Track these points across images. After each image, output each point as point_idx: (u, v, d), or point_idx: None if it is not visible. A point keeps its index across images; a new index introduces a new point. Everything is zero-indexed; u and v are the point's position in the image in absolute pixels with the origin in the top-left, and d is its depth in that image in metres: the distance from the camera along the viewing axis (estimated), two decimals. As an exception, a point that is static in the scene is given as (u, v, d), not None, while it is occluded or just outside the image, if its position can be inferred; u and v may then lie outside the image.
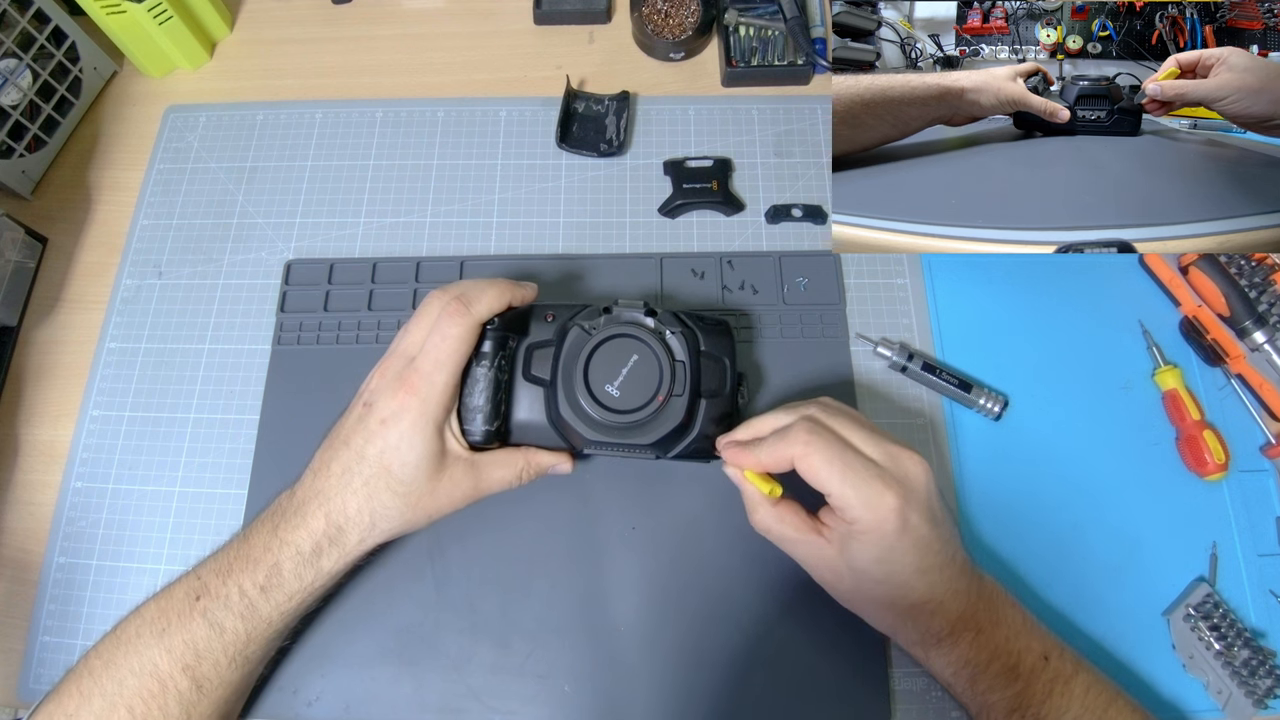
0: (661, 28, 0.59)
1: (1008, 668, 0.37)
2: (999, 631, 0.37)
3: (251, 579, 0.37)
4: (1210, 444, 0.46)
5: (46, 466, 0.50)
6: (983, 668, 0.37)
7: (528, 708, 0.43)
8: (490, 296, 0.40)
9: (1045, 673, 0.37)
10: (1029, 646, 0.37)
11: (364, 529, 0.38)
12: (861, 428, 0.39)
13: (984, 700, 0.37)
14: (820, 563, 0.39)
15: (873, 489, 0.36)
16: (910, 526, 0.36)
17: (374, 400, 0.39)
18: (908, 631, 0.38)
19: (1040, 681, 0.37)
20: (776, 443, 0.38)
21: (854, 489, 0.36)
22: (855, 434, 0.38)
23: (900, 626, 0.39)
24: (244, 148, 0.58)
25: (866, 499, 0.36)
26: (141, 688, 0.35)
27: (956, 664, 0.37)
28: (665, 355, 0.40)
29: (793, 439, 0.38)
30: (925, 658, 0.39)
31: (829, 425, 0.38)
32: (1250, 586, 0.45)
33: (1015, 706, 0.36)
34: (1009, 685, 0.37)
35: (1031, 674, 0.37)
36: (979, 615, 0.37)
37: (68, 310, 0.54)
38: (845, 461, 0.37)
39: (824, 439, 0.37)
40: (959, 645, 0.37)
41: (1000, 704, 0.37)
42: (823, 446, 0.37)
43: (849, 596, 0.39)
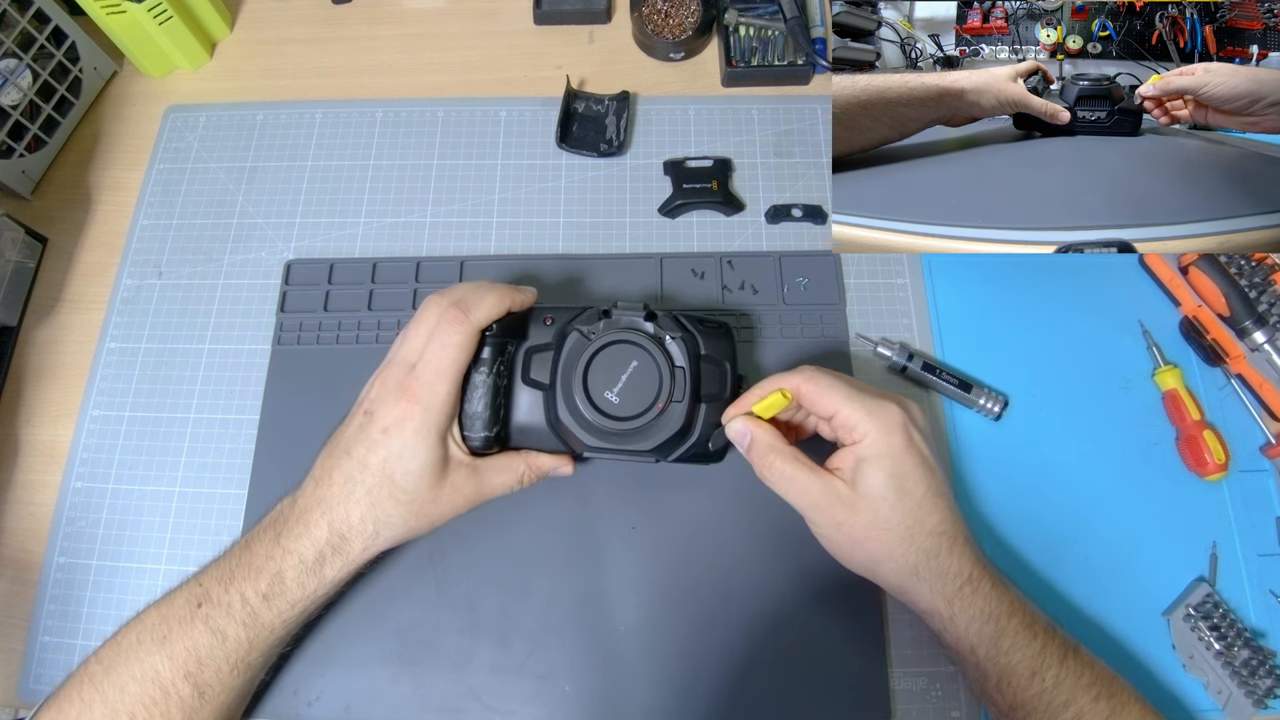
0: (661, 28, 0.59)
1: (1027, 624, 0.37)
2: (1011, 589, 0.38)
3: (254, 587, 0.37)
4: (1210, 444, 0.46)
5: (46, 466, 0.50)
6: (1005, 621, 0.36)
7: (528, 708, 0.43)
8: (489, 303, 0.40)
9: (1058, 636, 0.37)
10: (1037, 612, 0.38)
11: (367, 538, 0.38)
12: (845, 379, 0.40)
13: (1007, 661, 0.36)
14: (832, 501, 0.37)
15: (877, 402, 0.38)
16: (915, 443, 0.37)
17: (375, 409, 0.39)
18: (928, 577, 0.37)
19: (1056, 643, 0.37)
20: (776, 377, 0.40)
21: (859, 402, 0.37)
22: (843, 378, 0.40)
23: (921, 569, 0.37)
24: (244, 148, 0.58)
25: (871, 410, 0.37)
26: (143, 694, 0.35)
27: (981, 617, 0.36)
28: (665, 361, 0.40)
29: (794, 372, 0.39)
30: (949, 613, 0.37)
31: None
32: (1250, 586, 0.45)
33: (1036, 668, 0.36)
34: (1029, 643, 0.36)
35: (1048, 634, 0.37)
36: (990, 569, 0.38)
37: (68, 310, 0.54)
38: (848, 383, 0.39)
39: (827, 372, 0.39)
40: (980, 591, 0.37)
41: (1023, 664, 0.36)
42: (825, 374, 0.39)
43: (864, 537, 0.37)
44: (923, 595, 0.37)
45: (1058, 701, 0.36)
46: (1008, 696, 0.37)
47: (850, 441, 0.38)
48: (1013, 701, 0.36)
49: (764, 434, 0.39)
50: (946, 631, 0.38)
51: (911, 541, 0.37)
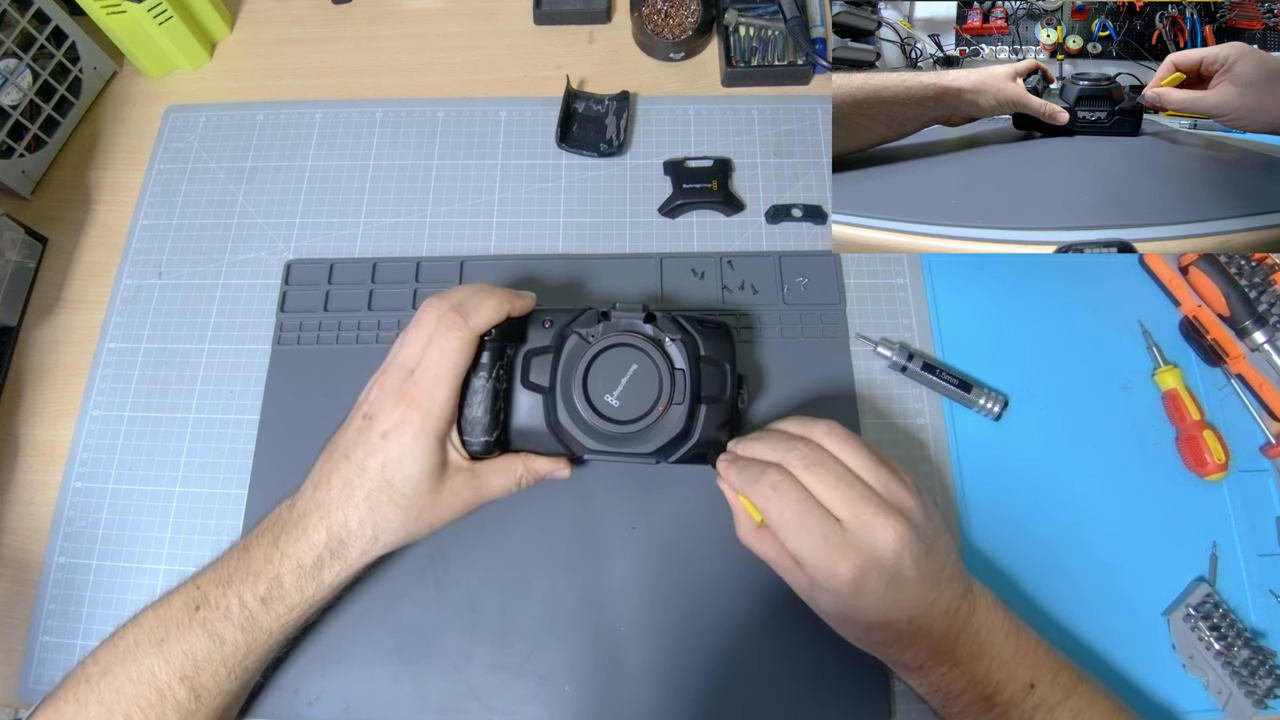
0: (661, 28, 0.59)
1: (983, 697, 0.36)
2: (979, 664, 0.37)
3: (252, 591, 0.37)
4: (1210, 444, 0.46)
5: (46, 466, 0.50)
6: (955, 695, 0.37)
7: (528, 708, 0.43)
8: (489, 308, 0.39)
9: (1028, 701, 0.36)
10: (1013, 676, 0.37)
11: (366, 542, 0.38)
12: (839, 482, 0.37)
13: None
14: (795, 587, 0.39)
15: (827, 557, 0.35)
16: (865, 591, 0.35)
17: (374, 413, 0.39)
18: (878, 655, 0.39)
19: (1018, 710, 0.36)
20: (750, 484, 0.38)
21: (809, 553, 0.36)
22: (830, 489, 0.37)
23: (871, 651, 0.39)
24: (244, 148, 0.58)
25: (818, 564, 0.36)
26: (139, 696, 0.35)
27: (929, 689, 0.38)
28: (664, 364, 0.40)
29: (759, 489, 0.37)
30: (900, 676, 0.39)
31: (803, 478, 0.37)
32: (1250, 586, 0.45)
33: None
34: (983, 713, 0.37)
35: (1009, 704, 0.36)
36: (958, 649, 0.37)
37: (68, 310, 0.54)
38: (803, 525, 0.36)
39: (787, 498, 0.36)
40: (931, 675, 0.37)
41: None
42: (783, 507, 0.36)
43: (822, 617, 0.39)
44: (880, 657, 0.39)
45: None
46: None
47: None
48: None
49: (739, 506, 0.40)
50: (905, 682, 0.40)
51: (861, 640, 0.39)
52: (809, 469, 0.37)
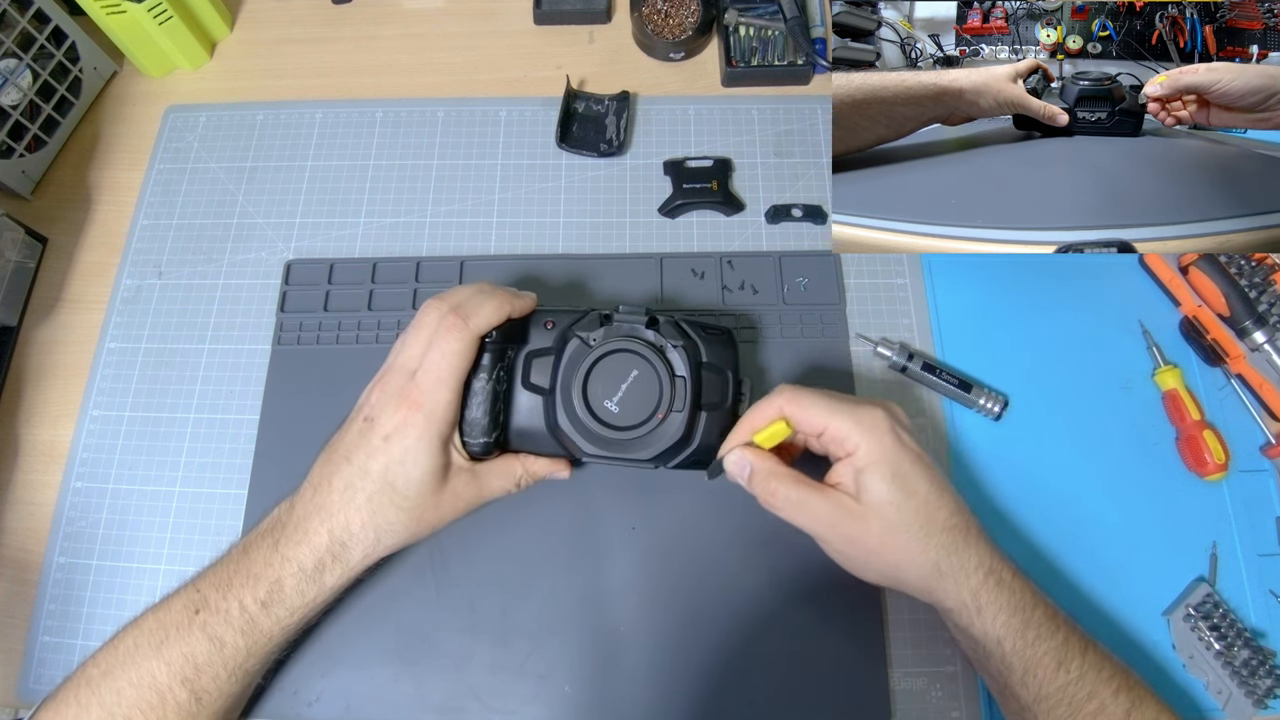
0: (661, 28, 0.59)
1: (1050, 615, 0.37)
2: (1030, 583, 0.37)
3: (252, 594, 0.37)
4: (1210, 444, 0.46)
5: (46, 466, 0.50)
6: (1030, 612, 0.36)
7: (528, 708, 0.43)
8: (489, 309, 0.39)
9: (1077, 628, 0.37)
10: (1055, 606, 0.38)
11: (368, 545, 0.38)
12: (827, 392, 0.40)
13: (1033, 653, 0.36)
14: (841, 516, 0.37)
15: (860, 409, 0.38)
16: (906, 443, 0.37)
17: (375, 415, 0.38)
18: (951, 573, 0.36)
19: (1077, 636, 0.37)
20: (761, 403, 0.40)
21: (845, 414, 0.38)
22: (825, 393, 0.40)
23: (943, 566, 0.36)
24: (244, 148, 0.58)
25: (858, 418, 0.37)
26: (140, 699, 0.35)
27: (1009, 608, 0.36)
28: (665, 370, 0.40)
29: (776, 394, 0.39)
30: (975, 605, 0.36)
31: None
32: (1250, 586, 0.45)
33: (1062, 659, 0.36)
34: (1054, 634, 0.36)
35: (1069, 626, 0.37)
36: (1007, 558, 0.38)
37: (68, 310, 0.54)
38: (827, 396, 0.39)
39: (805, 389, 0.39)
40: (1004, 583, 0.36)
41: (1049, 656, 0.36)
42: (805, 392, 0.39)
43: (879, 545, 0.37)
44: (949, 592, 0.37)
45: (1081, 694, 0.35)
46: (1032, 689, 0.36)
47: (843, 454, 0.38)
48: (1038, 694, 0.36)
49: (763, 462, 0.39)
50: (974, 625, 0.37)
51: (927, 539, 0.36)
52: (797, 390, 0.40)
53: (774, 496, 0.38)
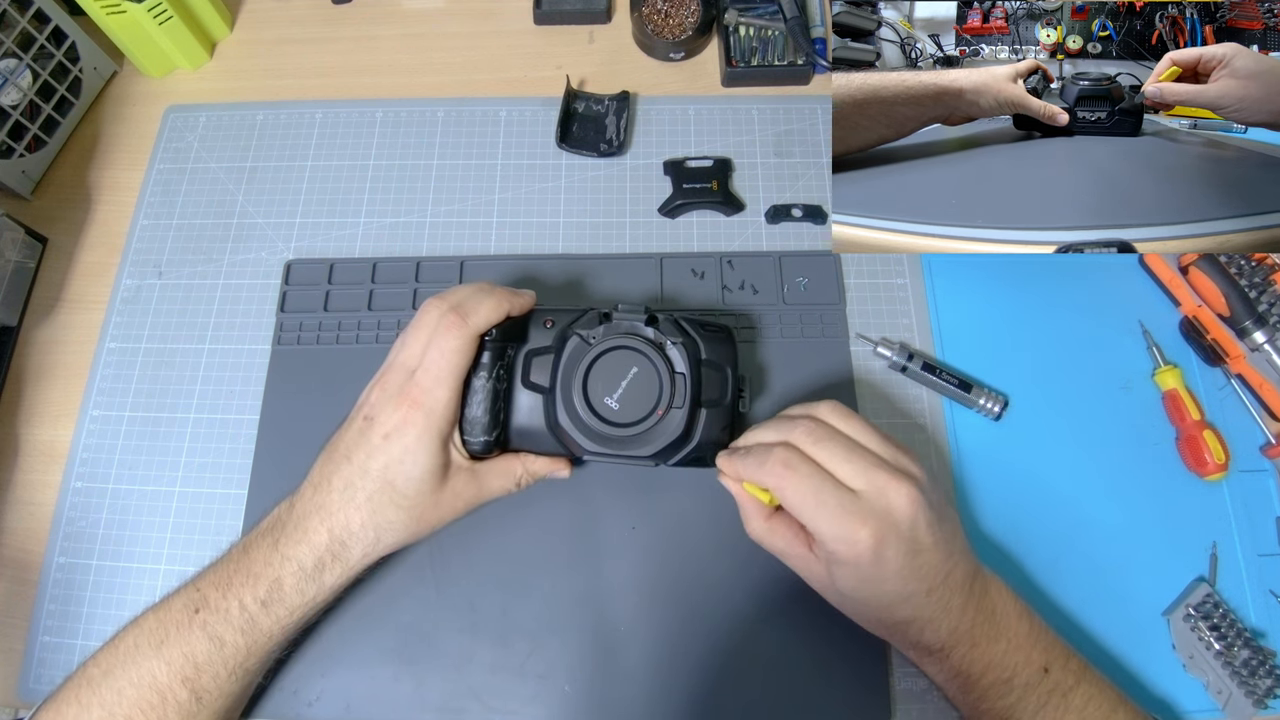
0: (661, 28, 0.59)
1: (1001, 680, 0.36)
2: (996, 645, 0.37)
3: (252, 593, 0.37)
4: (1210, 444, 0.46)
5: (46, 466, 0.50)
6: (975, 679, 0.37)
7: (528, 708, 0.43)
8: (488, 308, 0.39)
9: (1043, 685, 0.37)
10: (1029, 659, 0.37)
11: (368, 544, 0.38)
12: (849, 453, 0.37)
13: (975, 708, 0.37)
14: (810, 576, 0.39)
15: (847, 526, 0.35)
16: (886, 560, 0.35)
17: (375, 414, 0.38)
18: (898, 641, 0.38)
19: (1035, 694, 0.36)
20: (757, 468, 0.37)
21: (827, 524, 0.35)
22: (841, 461, 0.36)
23: (891, 637, 0.39)
24: (244, 148, 0.58)
25: (838, 534, 0.35)
26: (140, 699, 0.35)
27: (948, 674, 0.37)
28: (665, 367, 0.40)
29: (770, 469, 0.37)
30: (918, 663, 0.39)
31: (812, 453, 0.37)
32: (1250, 586, 0.45)
33: (1007, 718, 0.36)
34: (1002, 697, 0.36)
35: (1026, 687, 0.36)
36: (975, 630, 0.37)
37: (68, 310, 0.54)
38: (819, 498, 0.36)
39: (799, 473, 0.36)
40: (950, 658, 0.37)
41: (992, 713, 0.37)
42: (797, 482, 0.36)
43: (839, 607, 0.39)
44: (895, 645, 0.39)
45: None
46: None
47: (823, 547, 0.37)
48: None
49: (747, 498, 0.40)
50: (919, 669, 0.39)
51: (879, 624, 0.38)
52: (818, 444, 0.37)
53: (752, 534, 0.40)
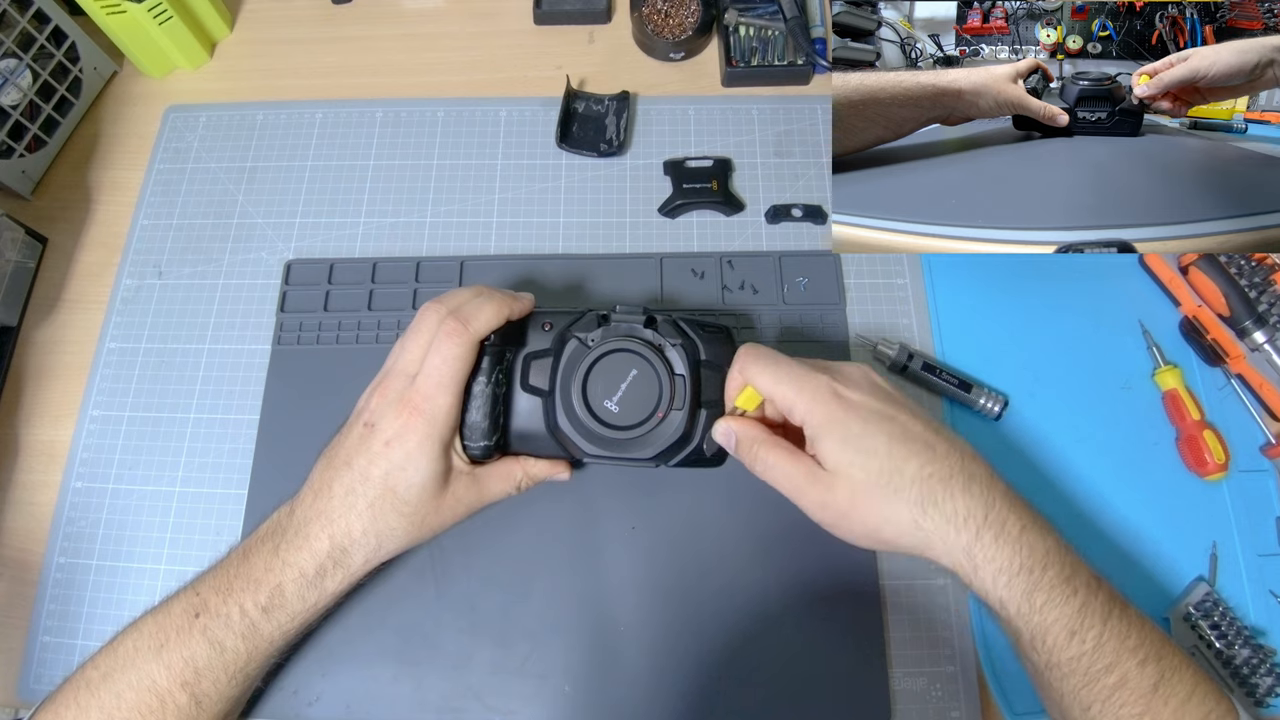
0: (661, 28, 0.59)
1: (1065, 577, 0.33)
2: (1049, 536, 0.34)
3: (253, 599, 0.37)
4: (1210, 444, 0.46)
5: (46, 466, 0.50)
6: (1039, 574, 0.33)
7: (528, 708, 0.43)
8: (488, 313, 0.39)
9: (1102, 592, 0.34)
10: (1079, 563, 0.34)
11: (369, 550, 0.38)
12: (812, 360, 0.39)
13: (1041, 620, 0.33)
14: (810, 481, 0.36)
15: (804, 376, 0.37)
16: (853, 402, 0.36)
17: (376, 421, 0.38)
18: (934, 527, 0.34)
19: (1099, 599, 0.34)
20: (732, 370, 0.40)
21: (788, 382, 0.37)
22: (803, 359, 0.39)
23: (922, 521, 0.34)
24: (244, 148, 0.58)
25: (799, 386, 0.36)
26: (139, 702, 0.35)
27: (1010, 568, 0.33)
28: (664, 369, 0.40)
29: (738, 355, 0.39)
30: (971, 565, 0.34)
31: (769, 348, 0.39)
32: (1250, 586, 0.45)
33: (1075, 628, 0.33)
34: (1067, 599, 0.33)
35: (1089, 589, 0.34)
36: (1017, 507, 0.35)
37: (68, 310, 0.54)
38: (778, 363, 0.38)
39: (759, 351, 0.39)
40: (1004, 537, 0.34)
41: (1059, 623, 0.33)
42: (757, 356, 0.38)
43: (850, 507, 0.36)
44: (938, 550, 0.35)
45: (1099, 665, 0.33)
46: (1043, 655, 0.34)
47: (797, 422, 0.37)
48: (1048, 661, 0.34)
49: (746, 428, 0.39)
50: (974, 585, 0.35)
51: (897, 494, 0.35)
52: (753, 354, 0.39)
53: (755, 460, 0.38)
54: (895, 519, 0.35)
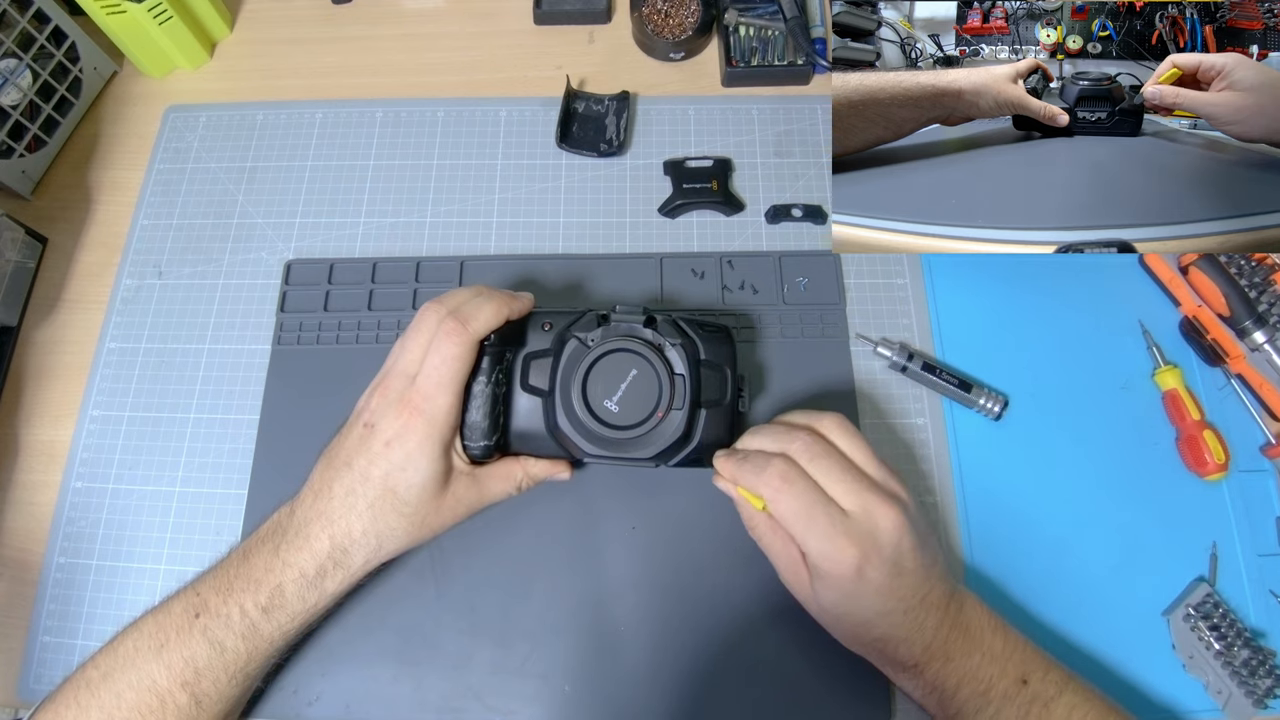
0: (661, 28, 0.59)
1: (977, 693, 0.37)
2: (971, 659, 0.37)
3: (254, 600, 0.37)
4: (1210, 444, 0.46)
5: (46, 466, 0.50)
6: (950, 693, 0.37)
7: (528, 708, 0.43)
8: (488, 313, 0.39)
9: (1021, 696, 0.36)
10: (1004, 671, 0.37)
11: (370, 551, 0.38)
12: (844, 473, 0.38)
13: None
14: (795, 585, 0.40)
15: (834, 544, 0.37)
16: (868, 579, 0.37)
17: (376, 421, 0.38)
18: (874, 657, 0.39)
19: (1014, 705, 0.36)
20: (753, 476, 0.39)
21: (815, 541, 0.37)
22: (835, 480, 0.38)
23: (867, 653, 0.39)
24: (244, 148, 0.58)
25: (826, 552, 0.37)
26: (139, 702, 0.35)
27: (924, 689, 0.38)
28: (664, 369, 0.40)
29: (766, 480, 0.38)
30: (895, 680, 0.39)
31: (809, 469, 0.38)
32: (1250, 586, 0.45)
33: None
34: (979, 710, 0.37)
35: (1004, 698, 0.36)
36: (950, 645, 0.37)
37: (68, 310, 0.54)
38: (811, 515, 0.37)
39: (795, 488, 0.37)
40: (925, 673, 0.37)
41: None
42: (791, 497, 0.37)
43: (818, 619, 0.40)
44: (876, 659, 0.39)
45: None
46: None
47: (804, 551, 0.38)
48: None
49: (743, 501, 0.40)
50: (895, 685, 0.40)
51: (855, 640, 0.39)
52: (814, 460, 0.38)
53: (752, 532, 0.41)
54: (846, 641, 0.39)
